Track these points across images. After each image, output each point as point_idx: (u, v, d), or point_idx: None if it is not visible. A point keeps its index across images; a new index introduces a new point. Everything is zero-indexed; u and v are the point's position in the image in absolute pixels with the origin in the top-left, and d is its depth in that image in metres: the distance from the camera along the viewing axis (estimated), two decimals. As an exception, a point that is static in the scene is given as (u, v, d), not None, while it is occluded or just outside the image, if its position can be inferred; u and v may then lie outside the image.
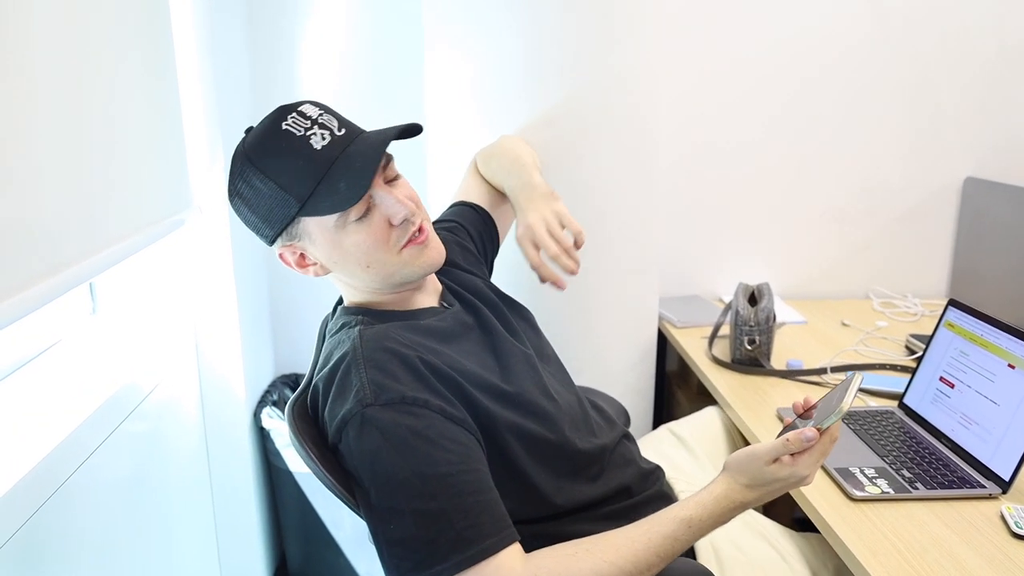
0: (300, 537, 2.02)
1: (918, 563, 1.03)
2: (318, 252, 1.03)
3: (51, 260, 1.08)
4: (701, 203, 2.16)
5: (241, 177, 1.00)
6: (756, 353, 1.67)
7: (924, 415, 1.39)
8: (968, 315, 1.37)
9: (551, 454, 1.06)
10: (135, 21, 1.40)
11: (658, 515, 0.95)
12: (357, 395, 0.94)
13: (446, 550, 0.88)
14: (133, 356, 1.52)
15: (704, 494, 0.95)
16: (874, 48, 2.10)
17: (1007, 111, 2.16)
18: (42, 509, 1.11)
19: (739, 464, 0.95)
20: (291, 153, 0.97)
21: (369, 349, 0.97)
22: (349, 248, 1.01)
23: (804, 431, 0.91)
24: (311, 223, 1.00)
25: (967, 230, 2.19)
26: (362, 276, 1.04)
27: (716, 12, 2.04)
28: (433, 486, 0.90)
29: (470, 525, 0.89)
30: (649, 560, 0.91)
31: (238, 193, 1.01)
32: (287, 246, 1.03)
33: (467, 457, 0.94)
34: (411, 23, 1.95)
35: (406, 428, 0.92)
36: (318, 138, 0.98)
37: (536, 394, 1.08)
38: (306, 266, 1.04)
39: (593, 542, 0.93)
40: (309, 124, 0.99)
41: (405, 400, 0.93)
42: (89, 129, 1.22)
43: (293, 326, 2.16)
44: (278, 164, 0.98)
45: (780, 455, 0.92)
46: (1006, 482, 1.18)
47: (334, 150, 0.98)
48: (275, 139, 0.98)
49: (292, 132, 0.98)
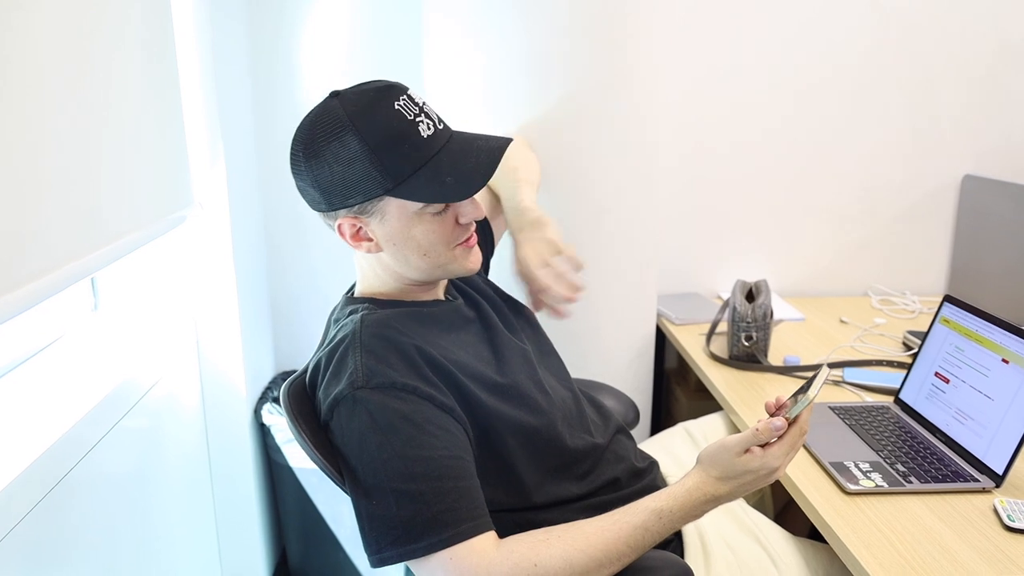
0: (300, 533, 2.03)
1: (911, 556, 1.04)
2: (382, 231, 1.03)
3: (52, 256, 1.09)
4: (701, 201, 2.17)
5: (336, 139, 0.98)
6: (753, 349, 1.68)
7: (919, 410, 1.39)
8: (963, 311, 1.37)
9: (541, 447, 1.07)
10: (136, 18, 1.41)
11: (631, 505, 0.97)
12: (350, 377, 0.97)
13: (421, 530, 0.91)
14: (134, 352, 1.53)
15: (676, 486, 0.97)
16: (874, 48, 2.10)
17: (1005, 109, 2.17)
18: (42, 504, 1.12)
19: (711, 456, 0.96)
20: (400, 134, 0.99)
21: (367, 334, 1.00)
22: (417, 235, 1.03)
23: (772, 420, 0.93)
24: (394, 204, 1.01)
25: (966, 228, 2.19)
26: (415, 262, 1.05)
27: (717, 12, 2.05)
28: (415, 468, 0.93)
29: (447, 508, 0.92)
30: (620, 549, 0.93)
31: (322, 153, 0.98)
32: (353, 218, 1.02)
33: (451, 444, 0.96)
34: (411, 20, 1.96)
35: (394, 411, 0.94)
36: (424, 126, 1.01)
37: (530, 387, 1.10)
38: (360, 241, 1.04)
39: (564, 529, 0.95)
40: (417, 111, 1.01)
41: (395, 385, 0.96)
42: (90, 125, 1.23)
43: (293, 322, 2.17)
44: (387, 140, 0.98)
45: (750, 445, 0.94)
46: (999, 476, 1.19)
47: (437, 142, 1.02)
48: (387, 115, 0.99)
49: (404, 114, 1.00)
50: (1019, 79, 2.15)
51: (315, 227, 2.09)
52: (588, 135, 1.64)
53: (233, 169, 1.81)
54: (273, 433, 1.93)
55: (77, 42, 1.19)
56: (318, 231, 2.09)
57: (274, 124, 2.03)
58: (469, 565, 0.90)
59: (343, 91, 1.03)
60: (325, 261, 2.13)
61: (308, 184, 1.02)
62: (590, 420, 1.20)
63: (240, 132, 1.89)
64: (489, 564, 0.91)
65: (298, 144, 1.02)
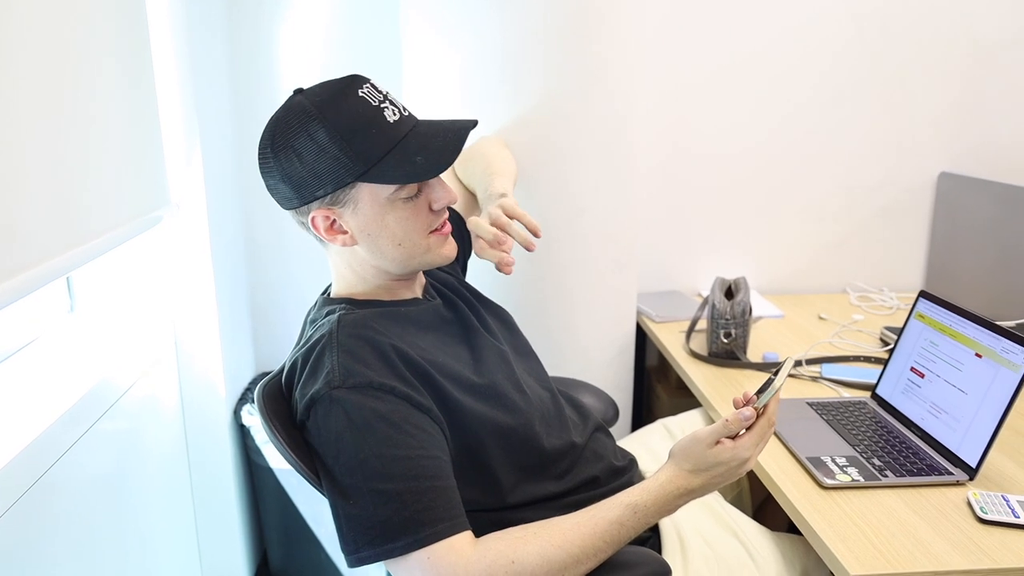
0: (281, 534, 2.02)
1: (886, 548, 1.05)
2: (355, 222, 1.03)
3: (27, 255, 1.08)
4: (680, 199, 2.18)
5: (304, 131, 0.98)
6: (732, 346, 1.69)
7: (895, 405, 1.41)
8: (938, 306, 1.39)
9: (518, 447, 1.07)
10: (113, 18, 1.40)
11: (606, 501, 0.98)
12: (327, 377, 0.96)
13: (398, 530, 0.91)
14: (111, 353, 1.52)
15: (650, 481, 0.98)
16: (851, 49, 2.12)
17: (979, 109, 2.20)
18: (18, 505, 1.11)
19: (683, 450, 0.98)
20: (366, 119, 0.99)
21: (344, 334, 1.00)
22: (390, 222, 1.02)
23: (742, 411, 0.95)
24: (365, 190, 1.01)
25: (942, 225, 2.22)
26: (390, 253, 1.05)
27: (697, 13, 2.06)
28: (391, 468, 0.93)
29: (424, 508, 0.92)
30: (596, 544, 0.94)
31: (291, 146, 0.99)
32: (326, 209, 1.02)
33: (428, 443, 0.96)
34: (389, 21, 1.96)
35: (371, 411, 0.94)
36: (390, 112, 1.02)
37: (507, 388, 1.10)
38: (334, 234, 1.04)
39: (541, 526, 0.96)
40: (382, 98, 1.02)
41: (372, 385, 0.96)
42: (66, 125, 1.22)
43: (273, 323, 2.16)
44: (352, 126, 0.98)
45: (720, 437, 0.95)
46: (973, 469, 1.20)
47: (404, 126, 1.02)
48: (352, 102, 1.00)
49: (368, 100, 1.01)
50: (992, 80, 2.18)
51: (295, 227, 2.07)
52: (566, 134, 1.64)
53: (211, 169, 1.80)
54: (253, 434, 1.92)
55: (51, 41, 1.18)
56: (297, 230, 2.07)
57: (252, 124, 2.02)
58: (447, 564, 0.90)
59: (306, 88, 1.03)
60: (305, 261, 2.12)
61: (278, 180, 1.02)
62: (568, 419, 1.20)
63: (218, 132, 1.88)
64: (467, 563, 0.91)
65: (265, 142, 1.02)
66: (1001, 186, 1.96)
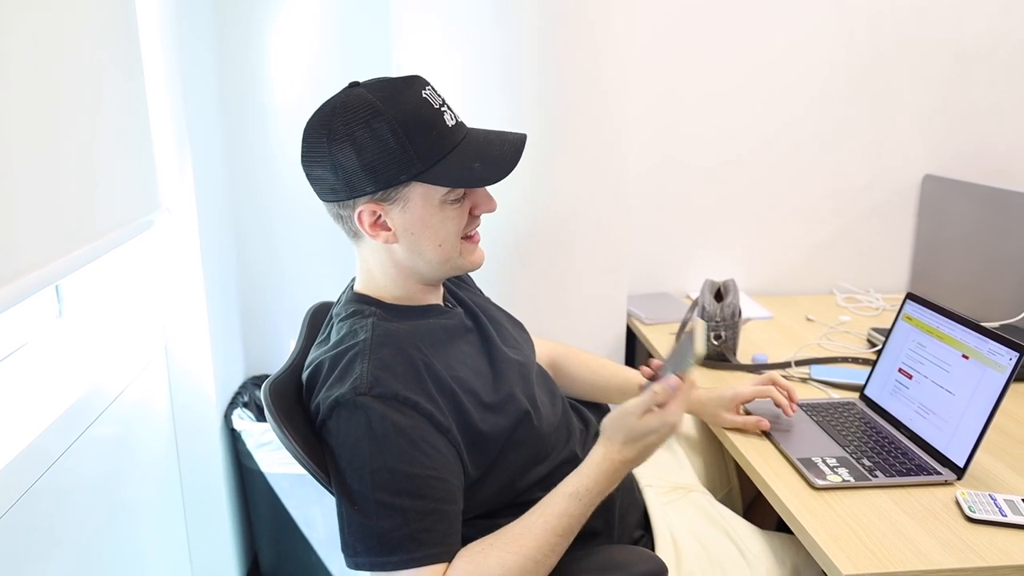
0: (272, 538, 2.01)
1: (878, 548, 1.06)
2: (402, 220, 1.03)
3: (17, 263, 1.08)
4: (670, 202, 2.20)
5: (366, 124, 0.98)
6: (722, 348, 1.70)
7: (884, 406, 1.43)
8: (925, 308, 1.41)
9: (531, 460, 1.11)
10: (102, 24, 1.39)
11: (548, 497, 1.00)
12: (354, 382, 0.97)
13: (396, 545, 0.93)
14: (101, 359, 1.51)
15: (586, 464, 1.00)
16: (838, 54, 2.15)
17: (963, 112, 2.23)
18: (10, 513, 1.10)
19: (614, 424, 1.00)
20: (428, 120, 1.00)
21: (378, 344, 1.01)
22: (435, 224, 1.04)
23: (668, 380, 0.98)
24: (419, 190, 1.02)
25: (926, 226, 2.24)
26: (428, 254, 1.06)
27: (688, 20, 2.07)
28: (401, 483, 0.94)
29: (424, 529, 0.94)
30: (551, 541, 0.97)
31: (350, 138, 0.98)
32: (375, 204, 1.02)
33: (441, 465, 0.97)
34: (380, 27, 1.96)
35: (392, 423, 0.95)
36: (448, 116, 1.04)
37: (523, 402, 1.11)
38: (378, 230, 1.04)
39: (496, 537, 0.98)
40: (441, 101, 1.04)
41: (397, 397, 0.97)
42: (56, 131, 1.21)
43: (263, 327, 2.16)
44: (415, 125, 0.99)
45: (650, 407, 0.97)
46: (961, 468, 1.22)
47: (459, 132, 1.05)
48: (416, 102, 1.01)
49: (430, 102, 1.02)
50: (975, 84, 2.21)
51: (285, 231, 2.08)
52: (559, 138, 1.65)
53: (201, 173, 1.80)
54: (244, 438, 1.91)
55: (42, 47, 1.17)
56: (288, 235, 2.08)
57: (242, 127, 2.02)
58: None
59: (364, 82, 1.03)
60: (295, 266, 2.11)
61: (328, 170, 1.01)
62: (576, 429, 1.23)
63: (208, 136, 1.87)
64: None
65: (319, 130, 1.00)
66: (985, 188, 1.99)
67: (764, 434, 1.36)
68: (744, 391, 1.38)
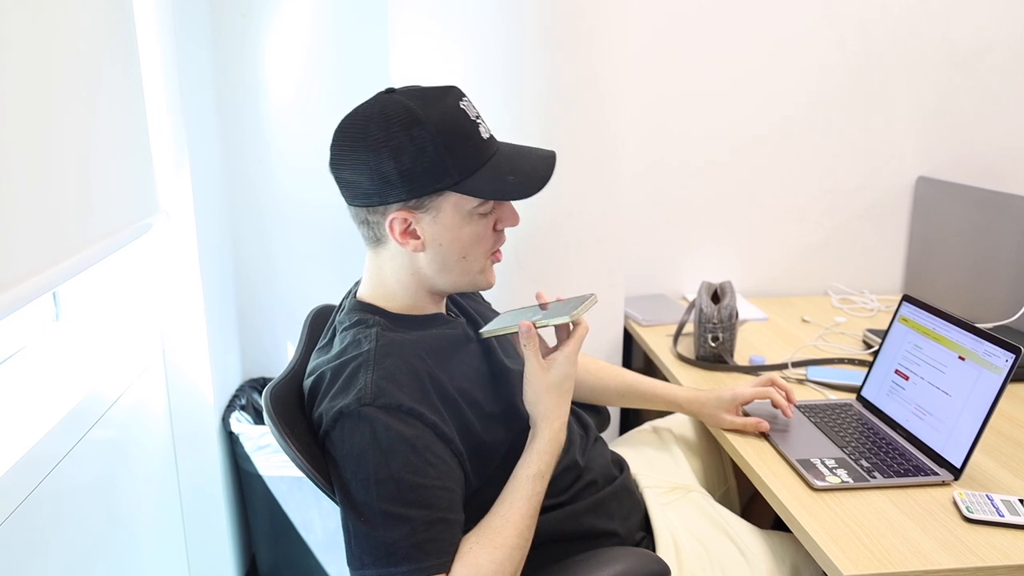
0: (270, 541, 2.01)
1: (876, 548, 1.07)
2: (432, 229, 1.03)
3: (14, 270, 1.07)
4: (666, 204, 2.21)
5: (405, 131, 0.98)
6: (719, 350, 1.71)
7: (881, 407, 1.44)
8: (921, 310, 1.42)
9: None
10: (100, 26, 1.39)
11: (510, 484, 1.03)
12: (358, 393, 0.97)
13: (403, 556, 0.93)
14: (99, 363, 1.51)
15: (533, 445, 1.05)
16: (832, 56, 2.16)
17: (956, 114, 2.24)
18: (10, 518, 1.10)
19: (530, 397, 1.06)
20: (466, 131, 1.02)
21: (382, 354, 1.01)
22: (463, 235, 1.04)
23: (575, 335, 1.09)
24: (451, 201, 1.02)
25: (920, 228, 2.26)
26: (452, 265, 1.06)
27: (682, 22, 2.08)
28: (407, 493, 0.94)
29: (431, 539, 0.94)
30: (528, 524, 1.00)
31: (389, 144, 0.98)
32: (408, 212, 1.02)
33: (446, 475, 0.98)
34: (377, 30, 1.96)
35: (397, 434, 0.95)
36: (483, 129, 1.05)
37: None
38: (407, 238, 1.04)
39: (479, 536, 0.99)
40: (476, 113, 1.05)
41: (401, 408, 0.97)
42: (53, 135, 1.21)
43: (261, 330, 2.15)
44: (454, 135, 1.00)
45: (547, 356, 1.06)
46: (958, 469, 1.23)
47: (493, 145, 1.06)
48: (455, 112, 1.01)
49: (467, 113, 1.03)
50: (969, 86, 2.22)
51: (282, 234, 2.07)
52: (555, 140, 1.65)
53: (198, 176, 1.79)
54: (242, 441, 1.91)
55: (38, 49, 1.17)
56: (285, 238, 2.08)
57: (239, 131, 2.01)
58: None
59: (399, 88, 1.04)
60: (292, 268, 2.11)
61: (362, 175, 1.00)
62: (576, 436, 1.23)
63: (205, 139, 1.87)
64: None
65: (356, 134, 1.00)
66: (977, 190, 2.00)
67: (762, 435, 1.37)
68: (744, 392, 1.39)
